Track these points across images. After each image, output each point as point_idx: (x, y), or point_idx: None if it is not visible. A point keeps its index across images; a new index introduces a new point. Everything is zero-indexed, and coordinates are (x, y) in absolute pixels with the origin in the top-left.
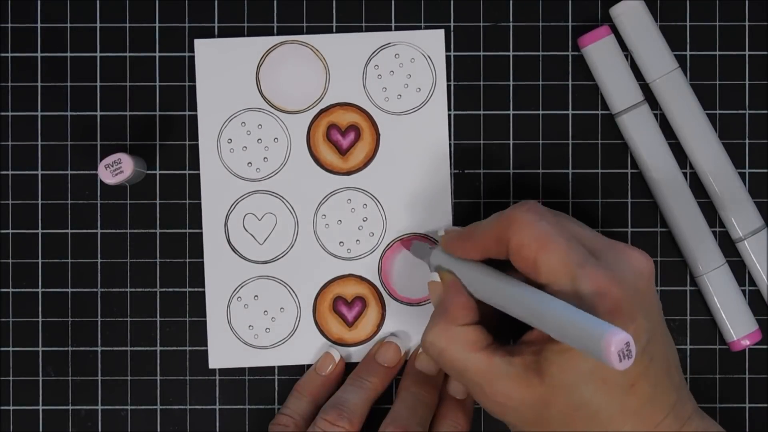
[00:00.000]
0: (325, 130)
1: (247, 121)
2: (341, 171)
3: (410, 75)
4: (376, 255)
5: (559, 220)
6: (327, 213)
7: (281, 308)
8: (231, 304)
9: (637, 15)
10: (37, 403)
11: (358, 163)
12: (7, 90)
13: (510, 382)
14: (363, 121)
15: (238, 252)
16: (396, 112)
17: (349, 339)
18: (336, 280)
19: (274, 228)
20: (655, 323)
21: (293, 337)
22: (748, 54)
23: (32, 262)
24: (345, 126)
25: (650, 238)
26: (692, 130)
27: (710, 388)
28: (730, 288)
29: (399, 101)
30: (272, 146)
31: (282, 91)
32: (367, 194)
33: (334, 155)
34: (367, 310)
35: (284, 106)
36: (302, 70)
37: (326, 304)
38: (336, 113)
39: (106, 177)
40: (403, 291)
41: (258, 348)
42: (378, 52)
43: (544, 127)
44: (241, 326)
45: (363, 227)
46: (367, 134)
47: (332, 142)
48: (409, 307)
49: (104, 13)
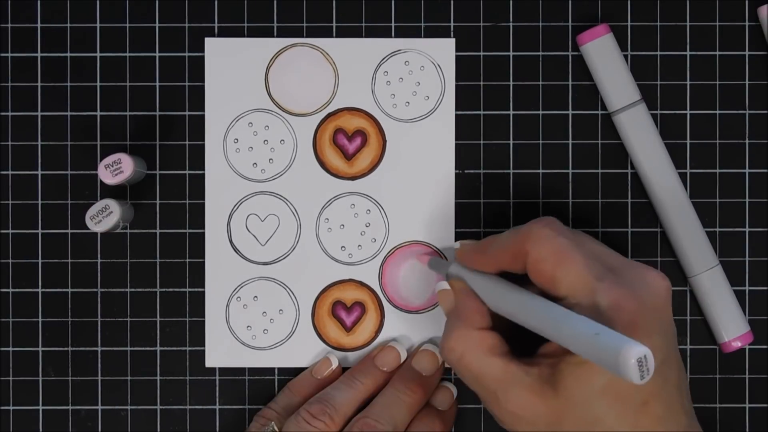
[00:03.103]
0: (332, 134)
1: (254, 122)
2: (346, 176)
3: (419, 83)
4: (377, 261)
5: (577, 237)
6: (330, 217)
7: (280, 310)
8: (230, 303)
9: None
10: (37, 404)
11: (363, 169)
12: (7, 90)
13: (525, 392)
14: (370, 126)
15: (239, 252)
16: (403, 119)
17: (346, 344)
18: (336, 284)
19: (277, 229)
20: (670, 345)
21: (291, 339)
22: (748, 54)
23: (32, 262)
24: (352, 131)
25: (650, 238)
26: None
27: (710, 388)
28: (723, 289)
29: (407, 108)
30: (278, 148)
31: (290, 93)
32: (371, 200)
33: (340, 159)
34: (365, 315)
35: (292, 108)
36: (312, 73)
37: (325, 308)
38: (343, 118)
39: (106, 177)
40: (403, 298)
41: (255, 349)
42: (388, 58)
43: (544, 127)
44: (239, 326)
45: (365, 233)
46: (373, 140)
47: (338, 146)
48: (408, 315)
49: (104, 13)
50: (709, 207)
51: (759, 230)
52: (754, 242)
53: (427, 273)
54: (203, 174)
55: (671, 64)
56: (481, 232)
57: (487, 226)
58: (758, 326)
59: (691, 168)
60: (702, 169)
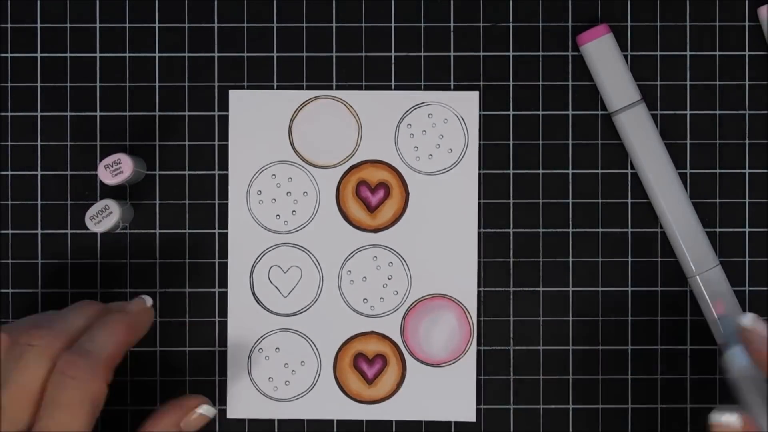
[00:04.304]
0: (355, 187)
1: (277, 174)
2: (369, 228)
3: (442, 135)
4: (399, 314)
5: None
6: (352, 269)
7: (302, 362)
8: (252, 355)
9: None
10: None
11: (386, 221)
12: (7, 90)
13: None
14: (393, 179)
15: (262, 303)
16: (427, 172)
17: (367, 396)
18: (358, 336)
19: (299, 281)
20: None
21: (312, 391)
22: (748, 54)
23: (32, 263)
24: (375, 183)
25: (650, 239)
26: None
27: (710, 388)
28: (723, 289)
29: (430, 161)
30: (301, 200)
31: (314, 145)
32: (394, 252)
33: (363, 212)
34: (387, 368)
35: (315, 160)
36: (335, 125)
37: (347, 360)
38: (366, 170)
39: (106, 177)
40: (425, 351)
41: (276, 400)
42: (411, 111)
43: (544, 127)
44: (261, 378)
45: (387, 285)
46: (396, 192)
47: (361, 198)
48: (430, 368)
49: (104, 13)
50: (709, 207)
51: (759, 230)
52: (754, 242)
53: (449, 326)
54: (203, 174)
55: (671, 64)
56: (510, 291)
57: (516, 285)
58: None
59: (691, 168)
60: (702, 170)
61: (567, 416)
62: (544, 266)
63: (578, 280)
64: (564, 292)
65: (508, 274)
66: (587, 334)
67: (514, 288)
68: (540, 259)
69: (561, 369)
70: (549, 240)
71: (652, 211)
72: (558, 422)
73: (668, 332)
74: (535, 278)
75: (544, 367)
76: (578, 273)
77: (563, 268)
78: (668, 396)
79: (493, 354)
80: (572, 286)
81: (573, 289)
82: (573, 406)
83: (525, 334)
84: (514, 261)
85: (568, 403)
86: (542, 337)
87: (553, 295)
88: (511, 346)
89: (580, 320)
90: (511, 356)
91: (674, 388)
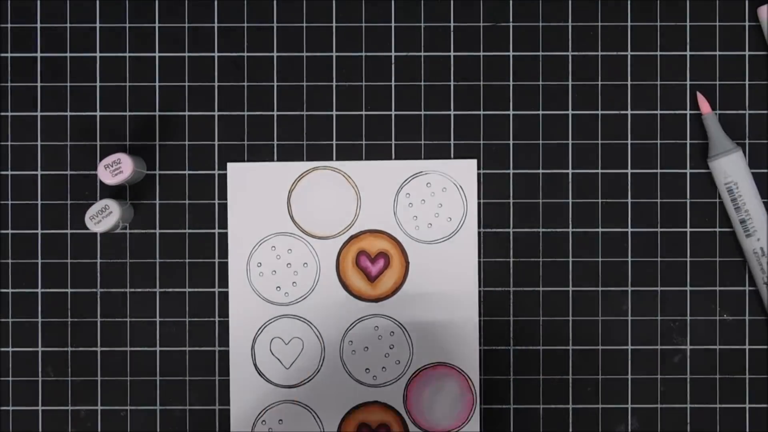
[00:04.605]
0: (355, 257)
1: (277, 245)
2: (369, 298)
3: (441, 204)
4: (401, 383)
5: None
6: (354, 339)
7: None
8: (255, 428)
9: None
10: (37, 404)
11: (386, 291)
12: (6, 90)
13: None
14: (393, 248)
15: (264, 375)
16: (426, 241)
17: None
18: (361, 406)
19: (301, 352)
20: None
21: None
22: (748, 54)
23: (32, 263)
24: (375, 253)
25: (651, 239)
26: None
27: (710, 388)
28: None
29: (429, 230)
30: (301, 271)
31: (313, 216)
32: (395, 322)
33: (363, 282)
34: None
35: (314, 231)
36: (334, 196)
37: (351, 430)
38: (366, 240)
39: (106, 177)
40: (428, 420)
41: None
42: (410, 180)
43: (544, 127)
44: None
45: (389, 354)
46: (396, 262)
47: (361, 268)
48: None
49: (104, 13)
50: (710, 207)
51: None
52: None
53: (452, 395)
54: (203, 174)
55: (671, 64)
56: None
57: (516, 343)
58: (758, 326)
59: (691, 168)
60: (702, 170)
61: (567, 416)
62: (544, 266)
63: (578, 280)
64: (564, 292)
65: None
66: (587, 333)
67: (514, 288)
68: (540, 259)
69: (561, 369)
70: (549, 240)
71: (652, 212)
72: (558, 422)
73: (668, 332)
74: (535, 278)
75: (545, 367)
76: (578, 273)
77: (563, 268)
78: (668, 396)
79: (494, 354)
80: (572, 286)
81: (573, 289)
82: (573, 406)
83: (525, 334)
84: (514, 261)
85: (568, 403)
86: (542, 337)
87: (554, 294)
88: (511, 346)
89: (581, 320)
90: (511, 355)
91: (674, 388)
